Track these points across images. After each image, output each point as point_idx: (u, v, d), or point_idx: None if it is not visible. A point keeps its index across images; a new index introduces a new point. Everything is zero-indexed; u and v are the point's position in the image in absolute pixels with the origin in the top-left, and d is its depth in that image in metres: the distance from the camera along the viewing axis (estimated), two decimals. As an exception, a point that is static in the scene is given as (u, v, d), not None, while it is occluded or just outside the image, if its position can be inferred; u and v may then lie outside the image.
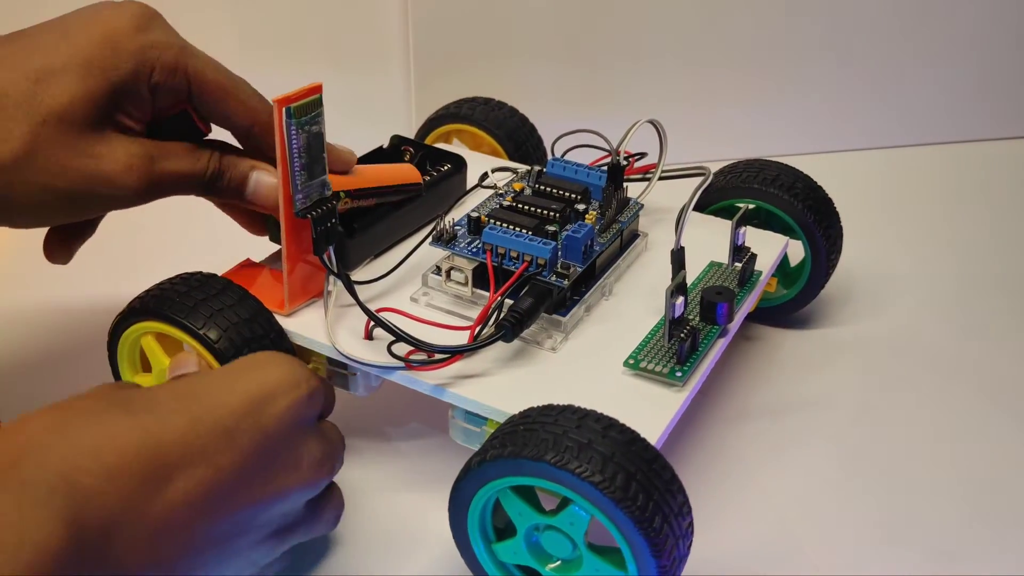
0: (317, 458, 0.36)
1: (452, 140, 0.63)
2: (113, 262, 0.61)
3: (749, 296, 0.48)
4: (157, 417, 0.31)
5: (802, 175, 0.54)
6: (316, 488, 0.37)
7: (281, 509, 0.35)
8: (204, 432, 0.32)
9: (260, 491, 0.34)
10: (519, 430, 0.36)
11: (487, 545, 0.39)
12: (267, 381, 0.35)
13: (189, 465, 0.31)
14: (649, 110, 0.51)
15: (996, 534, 0.44)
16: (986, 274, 0.64)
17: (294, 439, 0.35)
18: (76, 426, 0.29)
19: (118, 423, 0.30)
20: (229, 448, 0.32)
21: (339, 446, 0.39)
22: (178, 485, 0.30)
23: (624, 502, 0.33)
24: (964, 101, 0.80)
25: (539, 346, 0.44)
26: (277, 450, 0.34)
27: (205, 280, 0.44)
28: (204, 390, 0.34)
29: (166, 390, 0.33)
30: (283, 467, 0.35)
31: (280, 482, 0.34)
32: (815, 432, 0.50)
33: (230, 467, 0.32)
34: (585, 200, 0.49)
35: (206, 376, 0.35)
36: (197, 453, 0.31)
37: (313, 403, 0.36)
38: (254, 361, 0.37)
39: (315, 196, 0.42)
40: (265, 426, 0.34)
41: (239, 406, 0.33)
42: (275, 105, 0.39)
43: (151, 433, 0.30)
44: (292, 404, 0.35)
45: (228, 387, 0.34)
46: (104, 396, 0.32)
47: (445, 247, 0.46)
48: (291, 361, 0.37)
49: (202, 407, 0.33)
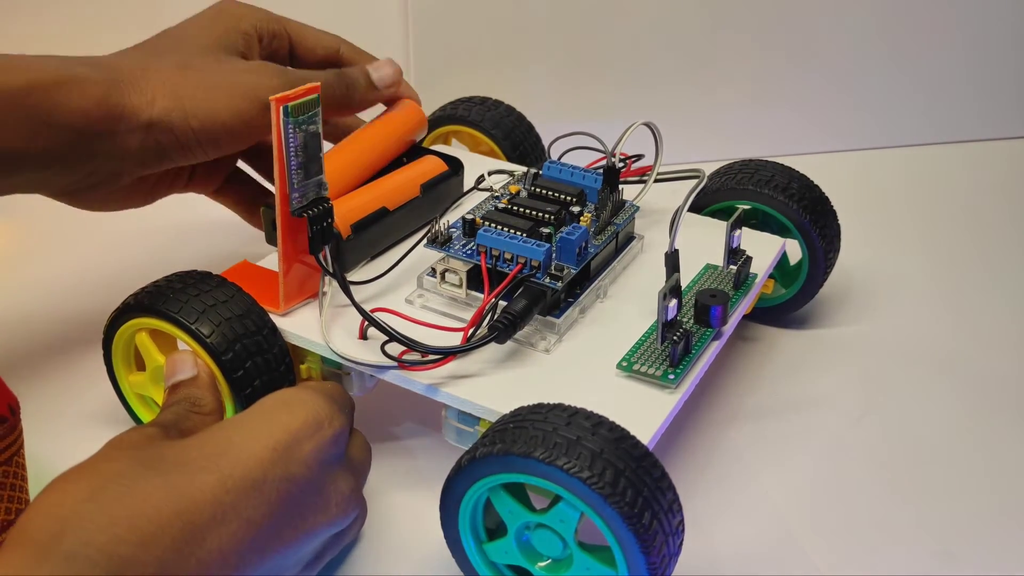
0: (345, 495, 0.37)
1: (450, 141, 0.64)
2: (110, 266, 0.61)
3: (744, 299, 0.48)
4: (187, 476, 0.32)
5: (797, 175, 0.54)
6: (345, 522, 0.37)
7: (312, 545, 0.36)
8: (233, 488, 0.32)
9: (291, 536, 0.34)
10: (509, 428, 0.36)
11: (478, 545, 0.39)
12: (292, 425, 0.35)
13: (221, 523, 0.32)
14: (645, 112, 0.51)
15: (996, 534, 0.44)
16: (983, 274, 0.64)
17: (321, 480, 0.36)
18: (111, 494, 0.30)
19: (151, 487, 0.31)
20: (259, 501, 0.33)
21: (365, 464, 0.40)
22: (211, 544, 0.31)
23: (612, 498, 0.33)
24: (961, 101, 0.80)
25: (533, 347, 0.44)
26: (306, 494, 0.35)
27: (199, 278, 0.44)
28: (231, 442, 0.34)
29: (195, 445, 0.34)
30: (311, 510, 0.35)
31: (310, 524, 0.35)
32: (812, 432, 0.50)
33: (260, 519, 0.33)
34: (581, 202, 0.49)
35: (232, 425, 0.35)
36: (229, 510, 0.32)
37: (338, 442, 0.37)
38: (279, 402, 0.37)
39: (311, 195, 0.43)
40: (293, 474, 0.34)
41: (266, 456, 0.34)
42: (272, 104, 0.39)
43: (183, 495, 0.31)
44: (317, 448, 0.36)
45: (254, 436, 0.35)
46: (134, 456, 0.33)
47: (440, 249, 0.46)
48: (314, 399, 0.37)
49: (230, 461, 0.33)
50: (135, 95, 0.45)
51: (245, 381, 0.42)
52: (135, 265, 0.62)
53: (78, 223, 0.54)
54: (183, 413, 0.39)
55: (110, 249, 0.64)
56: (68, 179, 0.46)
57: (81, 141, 0.44)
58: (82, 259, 0.63)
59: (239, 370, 0.42)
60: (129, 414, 0.48)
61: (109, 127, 0.44)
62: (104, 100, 0.44)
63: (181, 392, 0.40)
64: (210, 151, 0.47)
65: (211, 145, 0.46)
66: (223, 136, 0.46)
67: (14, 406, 0.38)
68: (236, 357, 0.42)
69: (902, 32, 0.77)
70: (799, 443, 0.49)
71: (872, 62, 0.78)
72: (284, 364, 0.44)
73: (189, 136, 0.46)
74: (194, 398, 0.40)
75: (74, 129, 0.43)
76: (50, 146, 0.43)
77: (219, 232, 0.64)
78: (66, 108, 0.43)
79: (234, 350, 0.42)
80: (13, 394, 0.38)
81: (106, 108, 0.44)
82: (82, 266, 0.63)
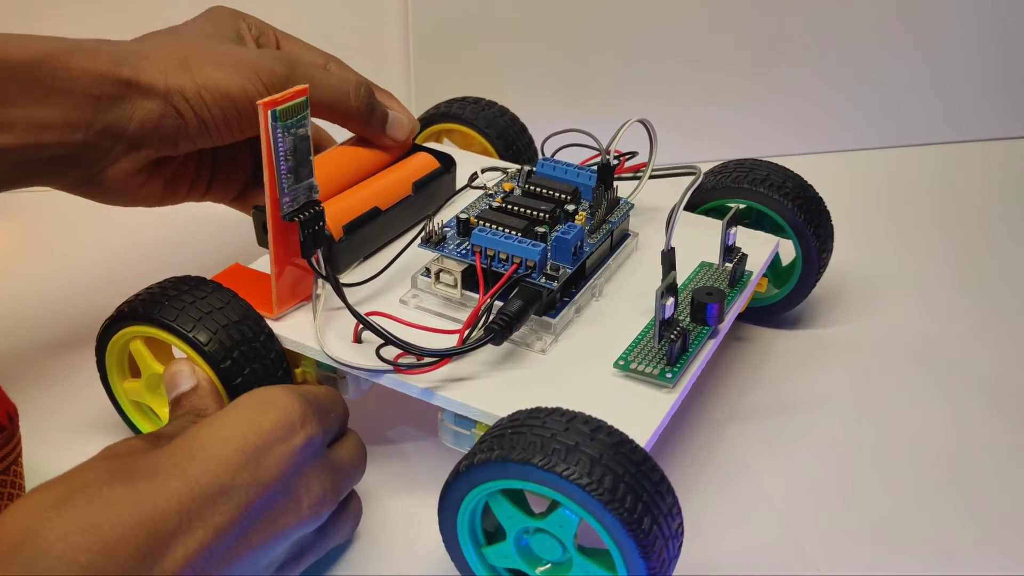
0: (317, 496, 0.37)
1: (442, 139, 0.63)
2: (103, 269, 0.61)
3: (740, 296, 0.48)
4: (154, 484, 0.32)
5: (792, 174, 0.54)
6: (317, 523, 0.37)
7: (282, 547, 0.36)
8: (200, 495, 0.32)
9: (258, 540, 0.34)
10: (507, 433, 0.36)
11: (477, 549, 0.39)
12: (263, 427, 0.35)
13: (187, 531, 0.31)
14: (640, 109, 0.51)
15: (995, 534, 0.44)
16: (977, 274, 0.64)
17: (291, 484, 0.36)
18: (75, 503, 0.30)
19: (115, 495, 0.31)
20: (226, 507, 0.33)
21: (353, 466, 0.40)
22: (177, 552, 0.31)
23: (612, 504, 0.33)
24: (958, 101, 0.80)
25: (529, 348, 0.44)
26: (274, 496, 0.35)
27: (194, 284, 0.44)
28: (201, 446, 0.34)
29: (167, 452, 0.34)
30: (281, 512, 0.35)
31: (279, 526, 0.35)
32: (807, 432, 0.50)
33: (227, 525, 0.33)
34: (575, 200, 0.49)
35: (204, 428, 0.35)
36: (195, 517, 0.32)
37: (311, 444, 0.37)
38: (254, 402, 0.36)
39: (302, 199, 0.42)
40: (261, 478, 0.34)
41: (235, 460, 0.34)
42: (260, 108, 0.39)
43: (148, 503, 0.31)
44: (288, 452, 0.35)
45: (224, 439, 0.34)
46: (106, 467, 0.32)
47: (434, 249, 0.46)
48: (288, 401, 0.37)
49: (198, 467, 0.33)
50: (147, 65, 0.45)
51: (243, 388, 0.42)
52: (129, 267, 0.62)
53: (73, 224, 0.54)
54: (187, 425, 0.39)
55: (104, 251, 0.64)
56: (88, 158, 0.45)
57: (99, 107, 0.44)
58: (77, 260, 0.63)
59: (237, 377, 0.42)
60: (124, 420, 0.48)
61: (123, 92, 0.45)
62: (116, 67, 0.44)
63: (185, 405, 0.41)
64: (223, 130, 0.47)
65: (223, 124, 0.46)
66: (232, 114, 0.46)
67: (13, 414, 0.38)
68: (234, 364, 0.42)
69: (896, 33, 0.77)
70: (796, 442, 0.49)
71: (866, 63, 0.78)
72: (281, 369, 0.43)
73: (203, 109, 0.46)
74: (198, 409, 0.40)
75: (89, 95, 0.44)
76: (69, 116, 0.44)
77: (210, 233, 0.64)
78: (79, 72, 0.44)
79: (232, 357, 0.42)
80: (12, 402, 0.38)
81: (118, 74, 0.44)
82: (76, 266, 0.62)
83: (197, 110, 0.46)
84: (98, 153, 0.46)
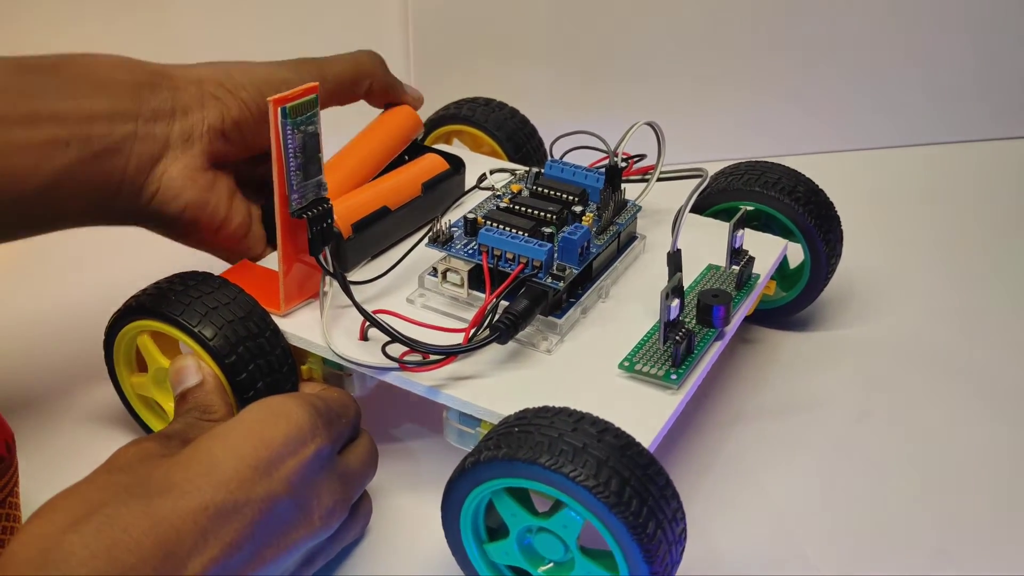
0: (328, 507, 0.37)
1: (452, 141, 0.63)
2: (111, 265, 0.61)
3: (746, 299, 0.48)
4: (170, 502, 0.32)
5: (804, 178, 0.54)
6: (328, 533, 0.37)
7: (294, 558, 0.36)
8: (215, 513, 0.33)
9: (271, 554, 0.34)
10: (514, 431, 0.36)
11: (479, 545, 0.39)
12: (275, 441, 0.35)
13: (203, 549, 0.32)
14: (649, 112, 0.51)
15: (996, 534, 0.44)
16: (986, 276, 0.64)
17: (303, 495, 0.36)
18: (93, 525, 0.30)
19: (132, 516, 0.31)
20: (240, 523, 0.33)
21: (363, 472, 0.40)
22: (192, 570, 0.31)
23: (618, 507, 0.33)
24: (965, 102, 0.80)
25: (534, 348, 0.44)
26: (287, 511, 0.35)
27: (201, 279, 0.44)
28: (214, 461, 0.34)
29: (181, 466, 0.34)
30: (293, 526, 0.35)
31: (291, 539, 0.35)
32: (814, 434, 0.50)
33: (241, 541, 0.33)
34: (583, 202, 0.49)
35: (217, 440, 0.35)
36: (210, 535, 0.32)
37: (320, 456, 0.37)
38: (265, 413, 0.37)
39: (311, 196, 0.42)
40: (273, 492, 0.34)
41: (248, 475, 0.34)
42: (271, 105, 0.39)
43: (164, 523, 0.31)
44: (299, 464, 0.36)
45: (237, 454, 0.34)
46: (120, 483, 0.33)
47: (441, 248, 0.46)
48: (299, 412, 0.37)
49: (212, 484, 0.33)
50: (179, 68, 0.48)
51: (248, 384, 0.42)
52: (135, 266, 0.62)
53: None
54: (192, 422, 0.39)
55: (111, 246, 0.64)
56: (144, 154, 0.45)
57: (140, 95, 0.45)
58: (79, 259, 0.63)
59: (242, 373, 0.42)
60: (132, 415, 0.48)
61: (158, 80, 0.46)
62: (147, 66, 0.47)
63: (190, 401, 0.41)
64: (260, 115, 0.48)
65: (258, 108, 0.48)
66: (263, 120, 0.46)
67: (11, 443, 0.38)
68: (239, 360, 0.42)
69: (906, 32, 0.77)
70: (801, 445, 0.49)
71: (875, 62, 0.78)
72: (287, 366, 0.44)
73: (239, 89, 0.48)
74: (204, 406, 0.40)
75: (127, 83, 0.45)
76: (113, 106, 0.44)
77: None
78: (110, 66, 0.45)
79: (237, 353, 0.42)
80: (10, 429, 0.38)
81: (151, 70, 0.46)
82: (84, 262, 0.63)
83: (233, 90, 0.48)
84: (152, 145, 0.46)
